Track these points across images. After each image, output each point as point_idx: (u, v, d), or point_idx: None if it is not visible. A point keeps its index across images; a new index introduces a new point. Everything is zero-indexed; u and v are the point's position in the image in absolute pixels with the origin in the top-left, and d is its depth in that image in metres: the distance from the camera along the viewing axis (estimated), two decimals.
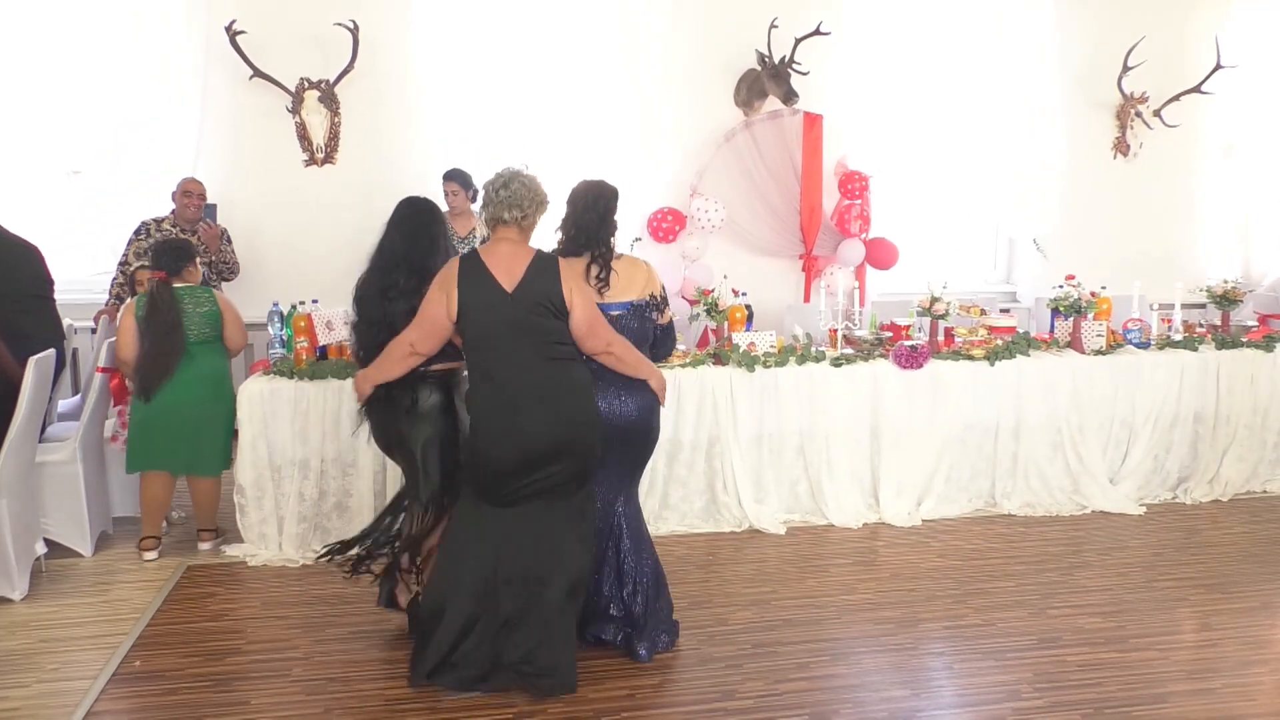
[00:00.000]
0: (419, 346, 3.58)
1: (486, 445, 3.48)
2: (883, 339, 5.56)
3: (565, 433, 3.48)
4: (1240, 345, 5.80)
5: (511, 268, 3.50)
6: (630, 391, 3.71)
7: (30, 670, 3.75)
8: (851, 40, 7.20)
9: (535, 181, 3.58)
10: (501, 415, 3.46)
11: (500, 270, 3.49)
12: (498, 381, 3.48)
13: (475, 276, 3.49)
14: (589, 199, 3.80)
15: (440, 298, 3.51)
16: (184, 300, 4.74)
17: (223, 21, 6.35)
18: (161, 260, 4.79)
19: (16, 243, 5.19)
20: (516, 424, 3.44)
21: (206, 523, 4.97)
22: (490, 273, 3.49)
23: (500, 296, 3.47)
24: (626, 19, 6.97)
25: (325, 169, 6.78)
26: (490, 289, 3.47)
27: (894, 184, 7.45)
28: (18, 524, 4.34)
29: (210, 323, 4.80)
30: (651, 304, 3.83)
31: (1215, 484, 5.73)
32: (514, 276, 3.48)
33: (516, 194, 3.52)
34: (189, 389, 4.69)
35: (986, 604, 4.34)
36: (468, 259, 3.54)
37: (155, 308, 4.68)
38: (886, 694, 3.62)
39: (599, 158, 6.97)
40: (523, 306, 3.46)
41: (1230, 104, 7.99)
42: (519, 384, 3.47)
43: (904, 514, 5.32)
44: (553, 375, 3.50)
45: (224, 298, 4.97)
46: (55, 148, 6.75)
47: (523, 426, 3.44)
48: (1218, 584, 4.58)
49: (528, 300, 3.47)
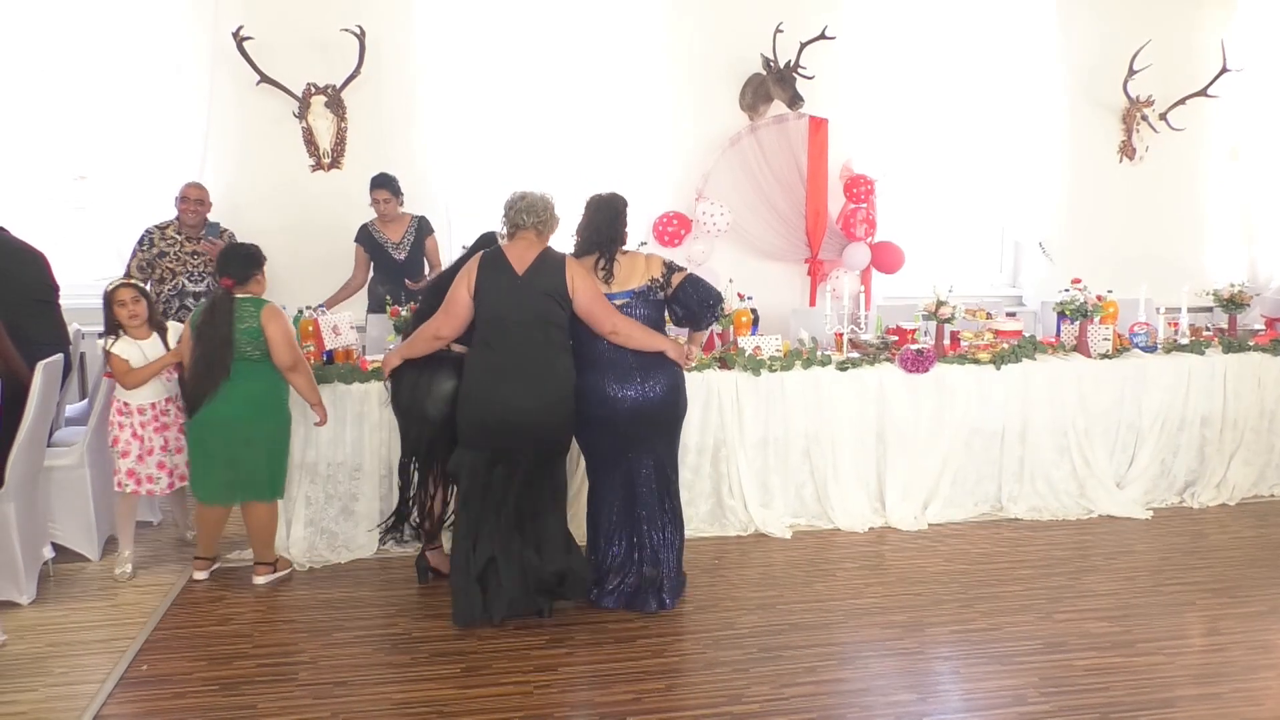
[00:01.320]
0: (442, 330, 4.16)
1: (473, 403, 4.09)
2: (888, 343, 5.56)
3: (539, 410, 4.06)
4: (1247, 349, 5.79)
5: (524, 256, 4.11)
6: (657, 375, 4.20)
7: (38, 674, 3.76)
8: (856, 44, 7.20)
9: (549, 199, 4.22)
10: (490, 378, 4.06)
11: (515, 258, 4.11)
12: (494, 349, 4.07)
13: (494, 263, 4.11)
14: (599, 209, 4.32)
15: (463, 281, 4.11)
16: (239, 313, 4.40)
17: (230, 27, 6.37)
18: (230, 267, 4.46)
19: (21, 248, 5.22)
20: (500, 390, 4.04)
21: (261, 555, 4.58)
22: (507, 260, 4.11)
23: (511, 279, 4.07)
24: (631, 24, 6.98)
25: (331, 173, 6.80)
26: (505, 273, 4.08)
27: (899, 188, 7.45)
28: (25, 529, 4.36)
29: (252, 340, 4.38)
30: (654, 286, 4.29)
31: (1222, 488, 5.71)
32: (525, 262, 4.10)
33: (533, 204, 4.16)
34: (232, 408, 4.35)
35: (993, 608, 4.34)
36: (490, 251, 4.17)
37: (212, 318, 4.36)
38: (893, 698, 3.62)
39: (604, 162, 6.99)
40: (530, 289, 4.06)
41: (1236, 107, 7.98)
42: (511, 356, 4.05)
43: (910, 518, 5.31)
44: (542, 357, 4.08)
45: (273, 310, 4.46)
46: (62, 153, 6.77)
47: (505, 394, 4.03)
48: (1225, 588, 4.57)
49: (535, 284, 4.06)
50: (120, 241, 6.56)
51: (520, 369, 4.04)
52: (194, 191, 5.94)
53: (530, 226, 4.15)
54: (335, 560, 4.83)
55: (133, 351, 4.57)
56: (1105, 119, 7.80)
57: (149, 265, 5.85)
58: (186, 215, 5.92)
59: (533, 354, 4.07)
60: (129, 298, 4.58)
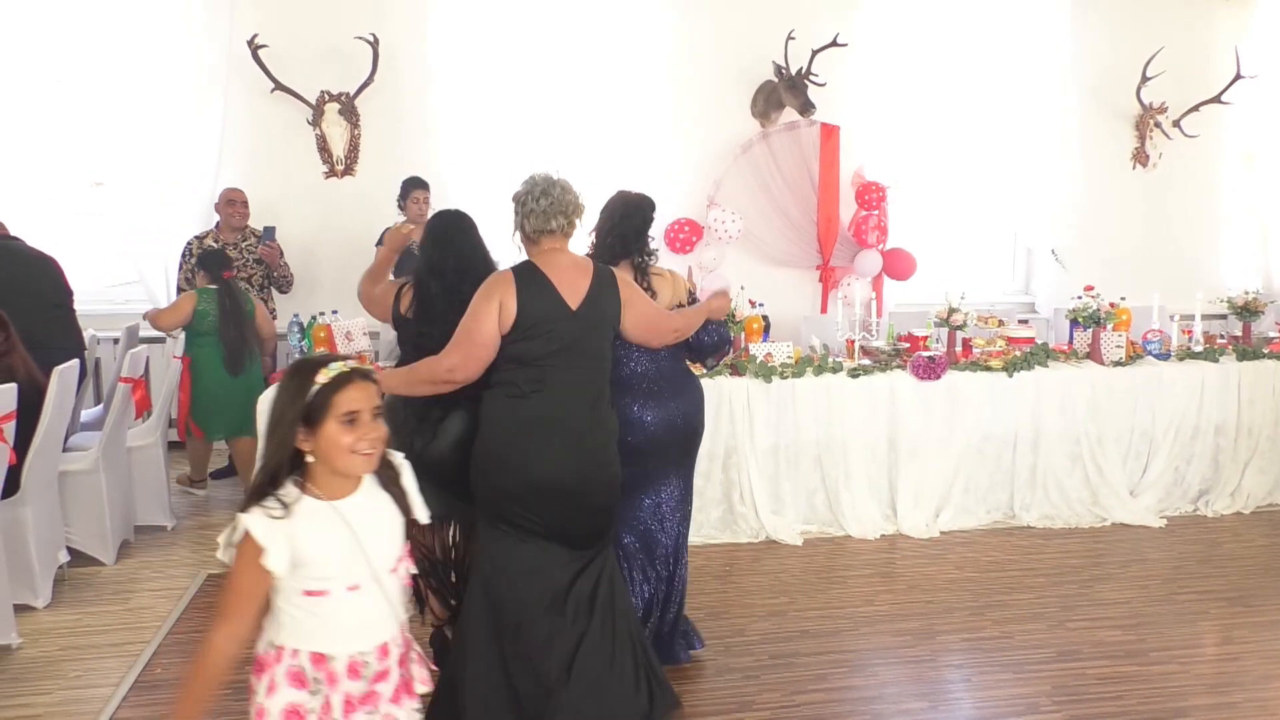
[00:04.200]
0: (457, 372, 3.12)
1: (532, 467, 3.09)
2: (900, 350, 5.55)
3: (600, 482, 3.21)
4: (1262, 356, 5.76)
5: (576, 282, 3.18)
6: (680, 397, 3.73)
7: (53, 677, 3.78)
8: (868, 51, 7.21)
9: (570, 185, 3.28)
10: (553, 440, 3.10)
11: (564, 284, 3.16)
12: (552, 405, 3.12)
13: (536, 286, 3.13)
14: (628, 211, 3.80)
15: (491, 308, 3.09)
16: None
17: (245, 35, 6.41)
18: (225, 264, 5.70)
19: (35, 256, 5.29)
20: (559, 456, 3.10)
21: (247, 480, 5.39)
22: (553, 285, 3.14)
23: (563, 311, 3.14)
24: (643, 31, 7.00)
25: (345, 180, 6.84)
26: (553, 302, 3.13)
27: (911, 195, 7.45)
28: (41, 532, 4.38)
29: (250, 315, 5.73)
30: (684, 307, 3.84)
31: (1237, 496, 5.68)
32: (578, 292, 3.17)
33: (560, 201, 3.20)
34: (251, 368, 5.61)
35: (1005, 616, 4.32)
36: (525, 267, 3.19)
37: (235, 301, 5.57)
38: (904, 706, 3.61)
39: (616, 168, 6.99)
40: (584, 325, 3.17)
41: (1251, 114, 7.95)
42: (572, 414, 3.15)
43: (922, 525, 5.30)
44: (601, 417, 3.23)
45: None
46: (78, 159, 6.83)
47: (566, 461, 3.12)
48: (1239, 597, 4.54)
49: (591, 318, 3.19)
50: (135, 248, 6.61)
51: (575, 427, 3.14)
52: (239, 195, 6.13)
53: (559, 231, 3.22)
54: None
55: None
56: (1119, 125, 7.79)
57: (194, 275, 5.96)
58: (232, 219, 6.10)
59: (587, 411, 3.17)
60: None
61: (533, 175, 3.29)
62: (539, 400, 3.11)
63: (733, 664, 3.88)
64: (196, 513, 5.65)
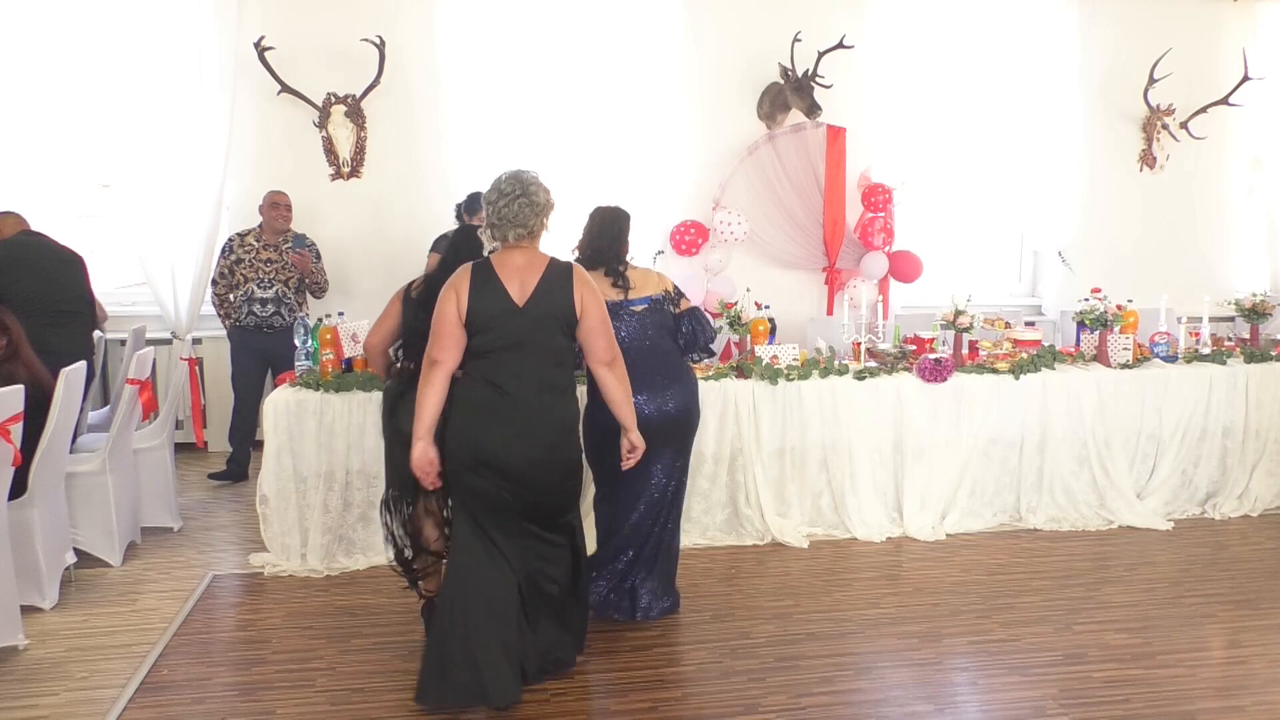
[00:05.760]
0: (435, 356, 3.45)
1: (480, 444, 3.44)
2: (906, 352, 5.54)
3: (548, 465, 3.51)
4: (1269, 359, 5.74)
5: (525, 280, 3.46)
6: (674, 385, 4.11)
7: (60, 678, 3.79)
8: (874, 53, 7.21)
9: (537, 185, 3.50)
10: (499, 423, 3.43)
11: (513, 282, 3.45)
12: (501, 391, 3.43)
13: (486, 285, 3.44)
14: (604, 223, 4.22)
15: (451, 297, 3.44)
16: None
17: (251, 37, 6.43)
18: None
19: (64, 255, 5.33)
20: (505, 436, 3.43)
21: None
22: (501, 283, 3.45)
23: (509, 308, 3.43)
24: (650, 34, 7.01)
25: (351, 182, 6.85)
26: (500, 299, 3.43)
27: (918, 197, 7.44)
28: (48, 534, 4.39)
29: None
30: (667, 298, 4.24)
31: (1244, 499, 5.67)
32: (526, 289, 3.45)
33: (520, 213, 3.45)
34: None
35: (1011, 619, 4.31)
36: (480, 266, 3.50)
37: None
38: (910, 709, 3.60)
39: (622, 171, 7.02)
40: (531, 320, 3.44)
41: (1258, 116, 7.93)
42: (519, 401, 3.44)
43: (928, 528, 5.29)
44: (549, 405, 3.49)
45: None
46: (85, 161, 6.85)
47: (511, 442, 3.43)
48: (1247, 600, 4.53)
49: (537, 314, 3.45)
50: (143, 249, 6.62)
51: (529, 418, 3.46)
52: (283, 198, 6.19)
53: (519, 240, 3.49)
54: (353, 567, 4.84)
55: None
56: (1126, 128, 7.77)
57: (229, 271, 5.98)
58: (276, 221, 6.14)
59: (539, 402, 3.47)
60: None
61: (498, 179, 3.52)
62: (488, 388, 3.46)
63: (738, 666, 3.88)
64: (203, 514, 5.66)
